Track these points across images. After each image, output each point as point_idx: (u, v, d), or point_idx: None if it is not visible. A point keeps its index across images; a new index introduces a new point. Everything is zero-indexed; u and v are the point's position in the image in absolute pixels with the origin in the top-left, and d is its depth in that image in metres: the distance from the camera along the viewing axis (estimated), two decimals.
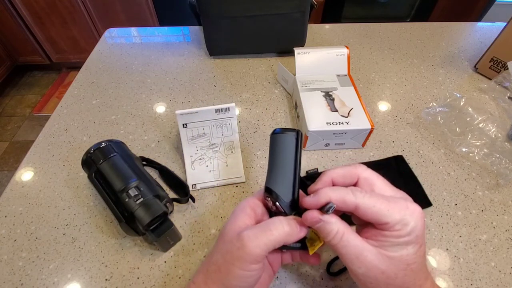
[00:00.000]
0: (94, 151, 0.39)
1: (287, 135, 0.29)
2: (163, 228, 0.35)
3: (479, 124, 0.49)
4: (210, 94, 0.60)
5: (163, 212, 0.35)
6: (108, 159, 0.38)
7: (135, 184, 0.36)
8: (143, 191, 0.36)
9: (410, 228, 0.23)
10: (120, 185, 0.36)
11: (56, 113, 0.56)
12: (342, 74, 0.55)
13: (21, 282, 0.36)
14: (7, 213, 0.42)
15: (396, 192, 0.27)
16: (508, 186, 0.44)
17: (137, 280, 0.36)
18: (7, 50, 1.97)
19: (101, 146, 0.40)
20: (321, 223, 0.25)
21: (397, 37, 0.75)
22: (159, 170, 0.46)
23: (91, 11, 1.76)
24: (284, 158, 0.28)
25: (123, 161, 0.39)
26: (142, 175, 0.39)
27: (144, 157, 0.47)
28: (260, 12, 0.60)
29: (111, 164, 0.38)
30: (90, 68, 0.67)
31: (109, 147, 0.40)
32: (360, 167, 0.27)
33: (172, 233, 0.37)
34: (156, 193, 0.37)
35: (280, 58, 0.69)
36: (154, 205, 0.35)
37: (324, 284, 0.35)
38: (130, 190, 0.35)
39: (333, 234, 0.25)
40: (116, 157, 0.39)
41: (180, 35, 0.78)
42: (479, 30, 0.79)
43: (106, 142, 0.40)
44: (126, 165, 0.39)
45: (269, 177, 0.29)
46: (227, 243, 0.26)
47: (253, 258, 0.24)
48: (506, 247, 0.38)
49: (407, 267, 0.24)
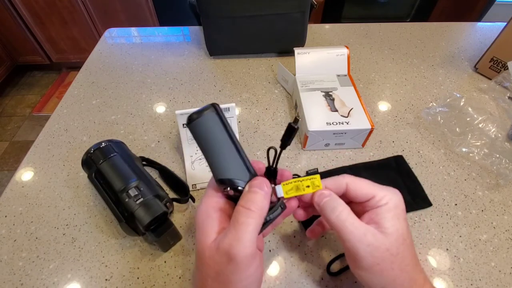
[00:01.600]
0: (94, 151, 0.39)
1: (205, 116, 0.24)
2: (163, 228, 0.35)
3: (479, 124, 0.49)
4: (210, 94, 0.60)
5: (163, 212, 0.35)
6: (108, 159, 0.38)
7: (135, 184, 0.36)
8: (143, 191, 0.36)
9: (394, 203, 0.26)
10: (120, 185, 0.36)
11: (56, 113, 0.56)
12: (342, 74, 0.55)
13: (21, 282, 0.36)
14: (7, 213, 0.42)
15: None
16: (508, 186, 0.44)
17: (137, 280, 0.36)
18: (7, 50, 1.97)
19: (101, 146, 0.40)
20: (329, 198, 0.26)
21: (397, 37, 0.75)
22: (159, 170, 0.46)
23: (91, 11, 1.76)
24: (216, 141, 0.25)
25: (123, 161, 0.39)
26: (142, 175, 0.39)
27: (144, 157, 0.47)
28: (260, 12, 0.60)
29: (111, 164, 0.38)
30: (90, 68, 0.67)
31: (109, 147, 0.40)
32: (347, 176, 0.29)
33: (172, 233, 0.37)
34: (156, 193, 0.37)
35: (280, 58, 0.69)
36: (154, 205, 0.35)
37: (324, 284, 0.35)
38: (130, 190, 0.35)
39: (339, 210, 0.25)
40: (116, 157, 0.39)
41: (180, 35, 0.78)
42: (479, 30, 0.79)
43: (106, 142, 0.40)
44: (126, 165, 0.39)
45: (214, 169, 0.26)
46: (212, 265, 0.23)
47: (247, 261, 0.22)
48: (506, 247, 0.38)
49: (404, 242, 0.25)
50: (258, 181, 0.25)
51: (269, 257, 0.37)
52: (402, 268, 0.25)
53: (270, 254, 0.38)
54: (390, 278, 0.25)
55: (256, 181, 0.25)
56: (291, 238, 0.39)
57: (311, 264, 0.37)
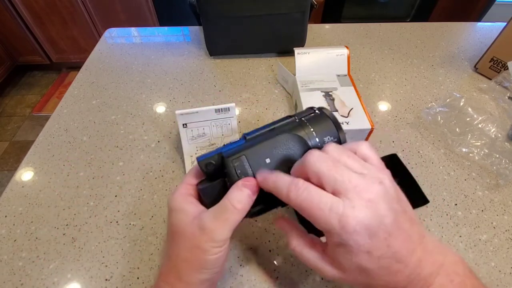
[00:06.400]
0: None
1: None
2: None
3: (479, 124, 0.49)
4: (210, 94, 0.60)
5: None
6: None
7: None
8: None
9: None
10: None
11: (56, 113, 0.56)
12: (342, 74, 0.55)
13: (21, 282, 0.36)
14: (7, 213, 0.42)
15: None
16: (508, 186, 0.44)
17: (137, 280, 0.36)
18: (7, 50, 1.97)
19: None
20: (275, 177, 0.24)
21: (397, 37, 0.75)
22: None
23: (91, 11, 1.76)
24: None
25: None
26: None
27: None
28: (260, 12, 0.60)
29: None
30: (90, 68, 0.67)
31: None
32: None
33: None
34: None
35: (280, 58, 0.69)
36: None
37: (324, 284, 0.35)
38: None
39: (294, 184, 0.23)
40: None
41: (180, 35, 0.78)
42: (479, 30, 0.79)
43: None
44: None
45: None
46: (191, 239, 0.25)
47: (222, 243, 0.25)
48: (506, 247, 0.38)
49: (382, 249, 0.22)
50: (250, 182, 0.25)
51: (269, 257, 0.37)
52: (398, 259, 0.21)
53: (270, 254, 0.38)
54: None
55: (247, 181, 0.25)
56: None
57: None
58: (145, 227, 0.40)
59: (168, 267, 0.27)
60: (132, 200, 0.43)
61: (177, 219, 0.27)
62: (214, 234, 0.24)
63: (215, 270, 0.26)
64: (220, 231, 0.24)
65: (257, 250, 0.38)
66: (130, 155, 0.49)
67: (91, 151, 0.50)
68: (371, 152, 0.25)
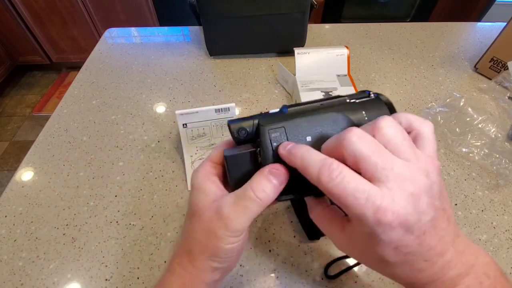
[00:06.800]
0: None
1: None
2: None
3: (479, 124, 0.49)
4: (210, 94, 0.60)
5: None
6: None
7: None
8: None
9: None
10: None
11: (56, 113, 0.56)
12: (342, 74, 0.55)
13: (21, 282, 0.36)
14: (7, 213, 0.42)
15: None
16: (508, 186, 0.44)
17: (137, 280, 0.36)
18: (7, 50, 1.97)
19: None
20: (304, 152, 0.21)
21: (397, 37, 0.75)
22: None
23: (91, 11, 1.76)
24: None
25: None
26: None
27: None
28: (260, 12, 0.60)
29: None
30: (90, 68, 0.67)
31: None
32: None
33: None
34: None
35: (280, 58, 0.69)
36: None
37: (324, 284, 0.35)
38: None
39: (327, 166, 0.20)
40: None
41: (180, 35, 0.78)
42: (479, 30, 0.79)
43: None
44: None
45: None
46: (207, 223, 0.24)
47: (239, 233, 0.23)
48: (506, 247, 0.38)
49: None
50: (279, 170, 0.22)
51: (269, 257, 0.37)
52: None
53: (270, 254, 0.38)
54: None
55: (275, 169, 0.22)
56: (291, 238, 0.39)
57: (311, 264, 0.37)
58: (145, 227, 0.40)
59: (182, 249, 0.26)
60: (132, 200, 0.43)
61: (197, 198, 0.25)
62: (230, 222, 0.23)
63: (228, 260, 0.25)
64: (238, 221, 0.23)
65: (257, 250, 0.38)
66: (130, 155, 0.49)
67: (91, 151, 0.50)
68: (431, 137, 0.22)
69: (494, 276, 0.21)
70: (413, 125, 0.22)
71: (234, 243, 0.24)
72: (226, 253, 0.24)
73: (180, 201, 0.43)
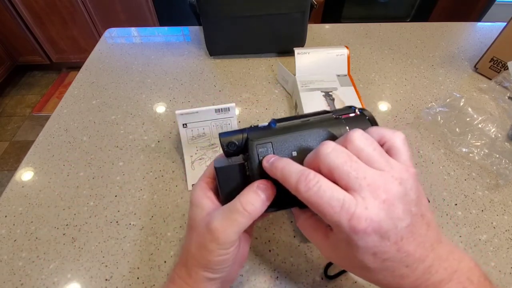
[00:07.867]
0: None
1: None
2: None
3: (479, 124, 0.49)
4: (210, 94, 0.60)
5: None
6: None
7: None
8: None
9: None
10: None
11: (56, 113, 0.56)
12: (342, 74, 0.55)
13: (21, 282, 0.36)
14: (7, 213, 0.42)
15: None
16: (508, 186, 0.44)
17: (137, 280, 0.36)
18: (7, 50, 1.97)
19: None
20: (284, 164, 0.22)
21: (397, 37, 0.75)
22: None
23: (91, 11, 1.76)
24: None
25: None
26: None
27: None
28: (260, 12, 0.60)
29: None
30: (90, 68, 0.67)
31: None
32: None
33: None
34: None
35: (280, 58, 0.69)
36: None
37: (324, 284, 0.35)
38: None
39: (304, 176, 0.20)
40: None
41: (180, 35, 0.78)
42: (479, 30, 0.79)
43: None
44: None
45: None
46: (200, 236, 0.25)
47: (228, 245, 0.24)
48: (506, 247, 0.38)
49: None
50: (267, 185, 0.24)
51: (269, 257, 0.37)
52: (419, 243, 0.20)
53: (270, 254, 0.38)
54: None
55: (263, 184, 0.24)
56: (291, 238, 0.39)
57: (311, 264, 0.37)
58: (145, 227, 0.40)
59: (181, 261, 0.27)
60: (132, 200, 0.43)
61: (195, 213, 0.27)
62: (219, 234, 0.24)
63: (223, 270, 0.25)
64: (226, 233, 0.24)
65: (257, 250, 0.38)
66: (130, 155, 0.49)
67: (91, 151, 0.50)
68: (403, 147, 0.23)
69: (478, 281, 0.21)
70: (385, 137, 0.23)
71: (224, 255, 0.24)
72: (217, 265, 0.25)
73: (180, 201, 0.43)
